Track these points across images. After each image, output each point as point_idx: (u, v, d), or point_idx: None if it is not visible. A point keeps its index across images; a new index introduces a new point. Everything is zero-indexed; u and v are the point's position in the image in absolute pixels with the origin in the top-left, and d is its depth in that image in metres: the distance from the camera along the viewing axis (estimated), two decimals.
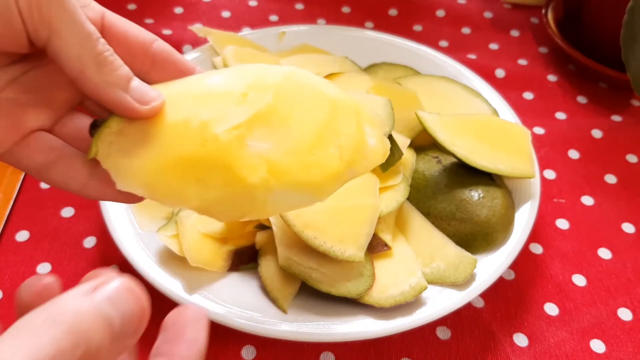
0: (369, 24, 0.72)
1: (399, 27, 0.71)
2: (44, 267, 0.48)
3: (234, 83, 0.30)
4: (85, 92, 0.29)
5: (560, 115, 0.63)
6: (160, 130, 0.29)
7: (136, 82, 0.29)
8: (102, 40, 0.28)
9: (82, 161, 0.30)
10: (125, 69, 0.29)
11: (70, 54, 0.27)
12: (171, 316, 0.25)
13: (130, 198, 0.30)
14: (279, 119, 0.29)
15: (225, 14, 0.72)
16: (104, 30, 0.30)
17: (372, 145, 0.31)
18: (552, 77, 0.67)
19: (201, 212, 0.29)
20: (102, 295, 0.21)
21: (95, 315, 0.20)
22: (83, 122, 0.31)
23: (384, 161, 0.31)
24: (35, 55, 0.29)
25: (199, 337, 0.25)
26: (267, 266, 0.45)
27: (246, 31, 0.67)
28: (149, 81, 0.31)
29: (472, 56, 0.68)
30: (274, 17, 0.72)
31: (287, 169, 0.28)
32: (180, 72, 0.32)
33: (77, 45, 0.27)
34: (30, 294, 0.24)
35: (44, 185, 0.54)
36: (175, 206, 0.28)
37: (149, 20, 0.70)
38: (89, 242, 0.50)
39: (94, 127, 0.29)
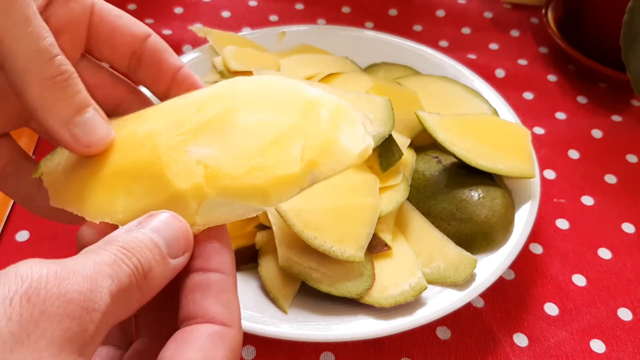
0: (369, 24, 0.72)
1: (399, 27, 0.71)
2: None
3: (201, 94, 0.29)
4: (28, 110, 0.26)
5: (560, 115, 0.63)
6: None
7: (88, 115, 0.26)
8: (59, 59, 0.25)
9: (30, 176, 0.29)
10: (76, 99, 0.26)
11: (15, 67, 0.25)
12: None
13: (67, 217, 0.28)
14: (235, 125, 0.27)
15: (225, 14, 0.72)
16: (92, 25, 0.29)
17: (345, 144, 0.27)
18: (552, 77, 0.67)
19: None
20: (146, 227, 0.24)
21: (142, 239, 0.23)
22: None
23: (360, 162, 0.28)
24: None
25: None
26: (267, 266, 0.45)
27: (246, 31, 0.67)
28: (138, 80, 0.30)
29: (472, 56, 0.68)
30: (274, 17, 0.72)
31: (225, 174, 0.26)
32: (163, 74, 0.30)
33: (24, 61, 0.24)
34: (89, 232, 0.26)
35: None
36: (104, 220, 0.26)
37: (149, 20, 0.70)
38: None
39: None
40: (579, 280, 0.50)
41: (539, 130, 0.61)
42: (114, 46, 0.29)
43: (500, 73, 0.67)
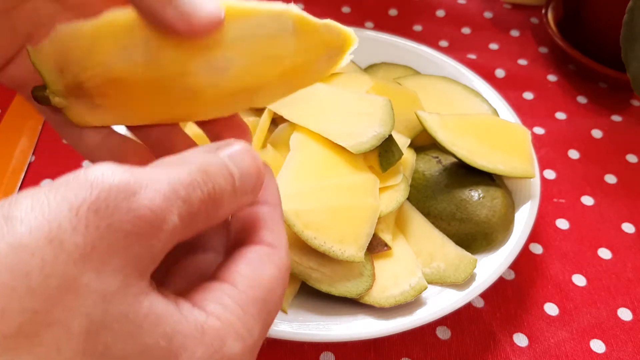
0: (369, 24, 0.72)
1: (399, 27, 0.71)
2: None
3: None
4: (142, 9, 0.25)
5: (560, 115, 0.63)
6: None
7: None
8: None
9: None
10: None
11: None
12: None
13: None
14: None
15: None
16: None
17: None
18: (552, 77, 0.67)
19: None
20: (224, 153, 0.23)
21: (220, 166, 0.22)
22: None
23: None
24: None
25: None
26: None
27: None
28: None
29: (472, 56, 0.68)
30: None
31: None
32: None
33: None
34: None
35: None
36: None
37: None
38: None
39: (43, 97, 0.28)
40: (579, 280, 0.50)
41: (539, 130, 0.61)
42: None
43: (500, 73, 0.67)
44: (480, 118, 0.53)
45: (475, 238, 0.46)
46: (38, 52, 0.27)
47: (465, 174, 0.49)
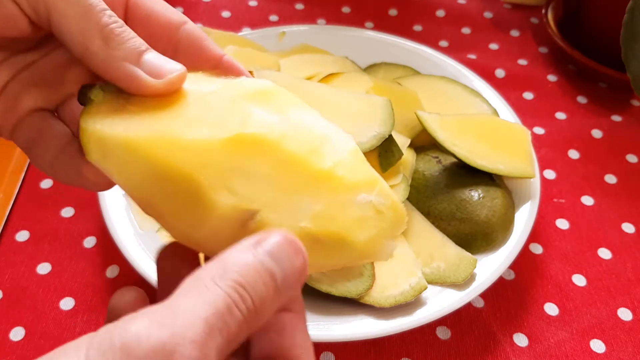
0: (369, 24, 0.72)
1: (399, 27, 0.71)
2: (44, 267, 0.48)
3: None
4: (93, 69, 0.26)
5: (560, 115, 0.63)
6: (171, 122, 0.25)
7: (151, 55, 0.26)
8: (109, 12, 0.26)
9: (55, 141, 0.28)
10: (136, 42, 0.26)
11: (72, 28, 0.25)
12: None
13: (94, 183, 0.28)
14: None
15: (225, 14, 0.72)
16: (128, 11, 0.29)
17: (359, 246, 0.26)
18: (552, 77, 0.67)
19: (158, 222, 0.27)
20: (264, 250, 0.21)
21: (259, 270, 0.21)
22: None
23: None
24: (47, 41, 0.28)
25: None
26: None
27: (246, 31, 0.67)
28: None
29: (472, 56, 0.68)
30: (274, 17, 0.72)
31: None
32: (204, 62, 0.29)
33: (79, 19, 0.25)
34: (122, 302, 0.25)
35: (44, 185, 0.54)
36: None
37: None
38: (89, 242, 0.50)
39: (84, 94, 0.27)
40: (579, 280, 0.50)
41: (539, 130, 0.61)
42: (148, 30, 0.29)
43: (500, 73, 0.67)
44: (480, 118, 0.53)
45: (475, 238, 0.46)
46: None
47: (465, 174, 0.49)
